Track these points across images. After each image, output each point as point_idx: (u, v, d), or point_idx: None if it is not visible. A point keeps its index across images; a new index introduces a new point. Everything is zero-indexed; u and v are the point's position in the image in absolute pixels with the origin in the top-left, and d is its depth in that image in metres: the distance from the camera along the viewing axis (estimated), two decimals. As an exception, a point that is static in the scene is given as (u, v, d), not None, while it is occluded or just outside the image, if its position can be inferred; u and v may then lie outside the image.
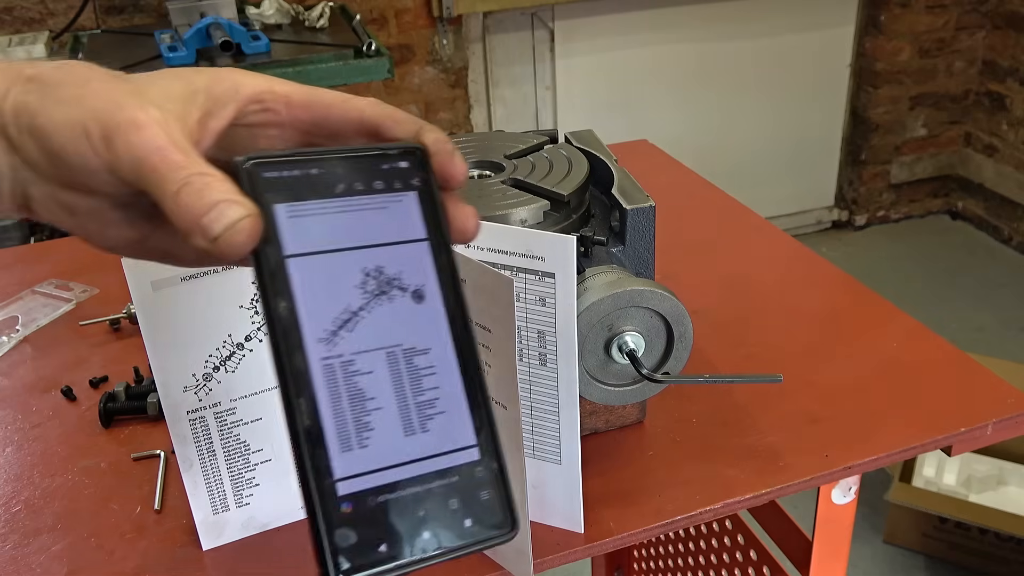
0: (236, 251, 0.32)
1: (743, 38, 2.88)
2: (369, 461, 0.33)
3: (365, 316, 0.34)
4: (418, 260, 0.36)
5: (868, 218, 3.25)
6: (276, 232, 0.33)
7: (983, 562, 1.78)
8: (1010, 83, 2.97)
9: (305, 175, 0.34)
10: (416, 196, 0.36)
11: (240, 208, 0.32)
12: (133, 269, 0.52)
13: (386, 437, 0.33)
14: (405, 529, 0.33)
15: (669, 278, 0.64)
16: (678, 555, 1.12)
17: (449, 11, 2.47)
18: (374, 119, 0.39)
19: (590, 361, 0.60)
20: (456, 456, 0.34)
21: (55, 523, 0.64)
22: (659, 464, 0.66)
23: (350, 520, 0.32)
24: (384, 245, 0.35)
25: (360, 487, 0.33)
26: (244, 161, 0.34)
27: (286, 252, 0.33)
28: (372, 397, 0.33)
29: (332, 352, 0.33)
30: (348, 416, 0.33)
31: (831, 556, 0.75)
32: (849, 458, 0.65)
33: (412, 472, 0.33)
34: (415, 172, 0.36)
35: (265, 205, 0.33)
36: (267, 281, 0.33)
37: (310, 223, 0.34)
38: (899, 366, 0.76)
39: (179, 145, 0.34)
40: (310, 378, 0.33)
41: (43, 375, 0.82)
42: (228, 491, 0.60)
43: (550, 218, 0.62)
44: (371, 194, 0.35)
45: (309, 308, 0.33)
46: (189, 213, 0.32)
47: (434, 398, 0.35)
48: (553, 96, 2.78)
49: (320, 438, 0.32)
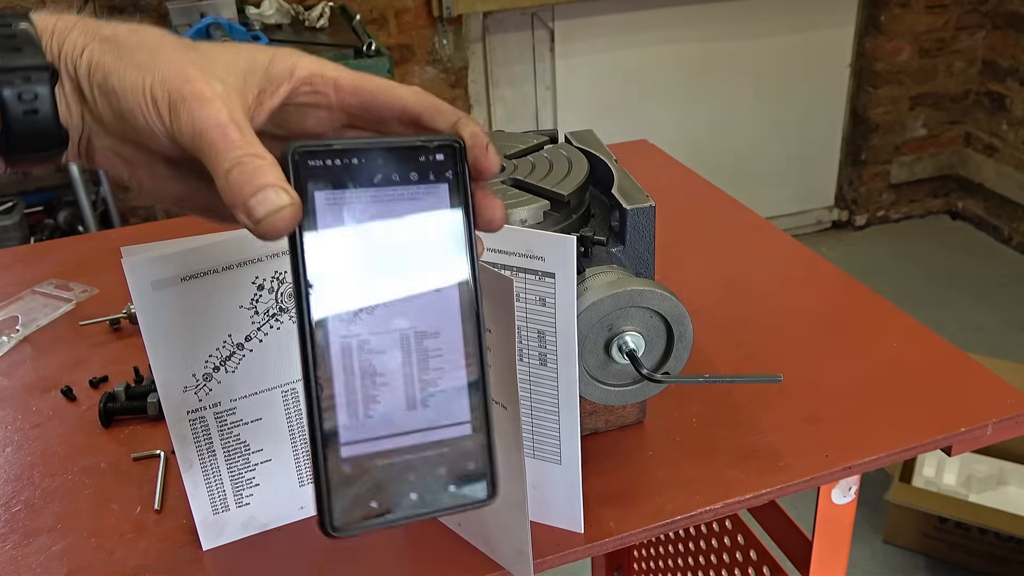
0: (275, 235, 0.35)
1: (743, 38, 2.88)
2: (372, 430, 0.37)
3: (385, 300, 0.37)
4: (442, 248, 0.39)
5: (868, 218, 3.25)
6: (314, 217, 0.36)
7: (983, 562, 1.78)
8: (1010, 83, 2.97)
9: (347, 164, 0.37)
10: (447, 187, 0.39)
11: (285, 196, 0.35)
12: (133, 269, 0.52)
13: (390, 410, 0.37)
14: (396, 490, 0.37)
15: (669, 278, 0.64)
16: (678, 555, 1.12)
17: (449, 11, 2.47)
18: (415, 108, 0.41)
19: (590, 361, 0.60)
20: (450, 430, 0.38)
21: (55, 523, 0.64)
22: (659, 464, 0.66)
23: (350, 479, 0.36)
24: None
25: (361, 451, 0.37)
26: (292, 150, 0.36)
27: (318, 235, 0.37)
28: (382, 374, 0.37)
29: (351, 332, 0.37)
30: (358, 390, 0.37)
31: (831, 556, 0.75)
32: (849, 458, 0.65)
33: (409, 441, 0.37)
34: (450, 164, 0.39)
35: (307, 191, 0.36)
36: (300, 263, 0.36)
37: (343, 209, 0.37)
38: (899, 366, 0.76)
39: (238, 123, 0.36)
40: (328, 354, 0.36)
41: (43, 375, 0.82)
42: (228, 491, 0.60)
43: (550, 218, 0.62)
44: (406, 185, 0.38)
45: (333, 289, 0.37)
46: (239, 192, 0.35)
47: (437, 378, 0.38)
48: (553, 96, 2.78)
49: (331, 408, 0.36)
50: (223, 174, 0.35)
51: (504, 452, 0.55)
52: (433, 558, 0.60)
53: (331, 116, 0.42)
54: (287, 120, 0.42)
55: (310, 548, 0.61)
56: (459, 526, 0.61)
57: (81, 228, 2.26)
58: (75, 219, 2.31)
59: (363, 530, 0.37)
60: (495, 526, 0.58)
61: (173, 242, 0.53)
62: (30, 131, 0.38)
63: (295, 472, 0.62)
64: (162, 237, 0.54)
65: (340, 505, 0.36)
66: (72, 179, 2.14)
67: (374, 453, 0.37)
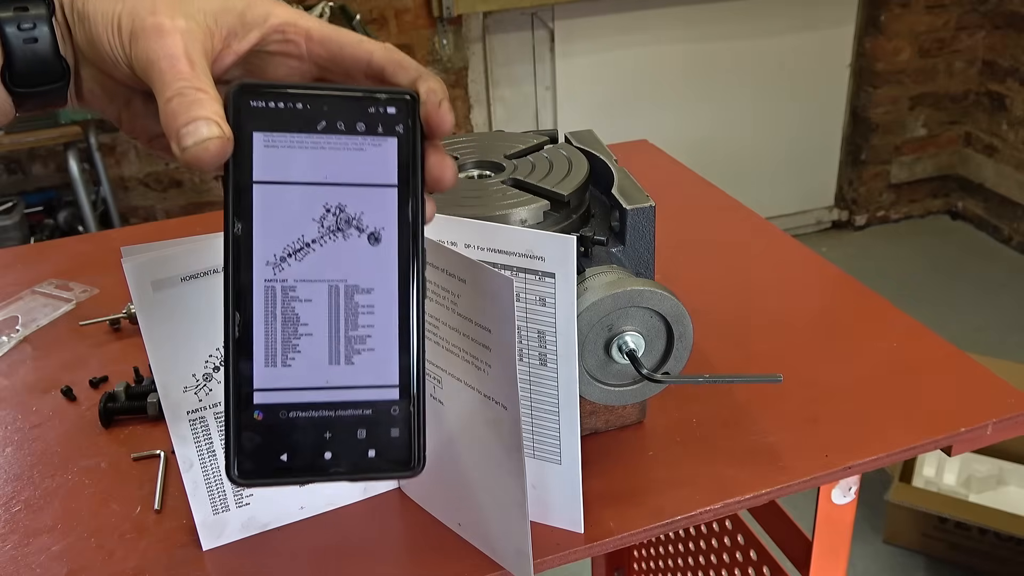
0: (200, 166, 0.35)
1: (743, 38, 2.88)
2: (289, 379, 0.36)
3: (317, 249, 0.37)
4: (383, 204, 0.37)
5: (868, 218, 3.25)
6: (249, 157, 0.36)
7: (983, 562, 1.78)
8: (1010, 83, 2.97)
9: (290, 108, 0.36)
10: (396, 142, 0.38)
11: (215, 128, 0.35)
12: (133, 269, 0.52)
13: (310, 361, 0.36)
14: (309, 446, 0.36)
15: (669, 278, 0.64)
16: (678, 555, 1.12)
17: (449, 11, 2.47)
18: (380, 62, 0.41)
19: (590, 361, 0.60)
20: (376, 392, 0.37)
21: (55, 523, 0.64)
22: (659, 464, 0.66)
23: (259, 427, 0.36)
24: (352, 185, 0.37)
25: (275, 400, 0.36)
26: (234, 88, 0.36)
27: (254, 178, 0.36)
28: (305, 323, 0.36)
29: (276, 276, 0.36)
30: (278, 336, 0.36)
31: (831, 556, 0.75)
32: (849, 458, 0.65)
33: (328, 397, 0.36)
34: (401, 119, 0.38)
35: (244, 131, 0.36)
36: (230, 201, 0.36)
37: (284, 154, 0.36)
38: (899, 366, 0.76)
39: (190, 57, 0.37)
40: (250, 296, 0.36)
41: (43, 375, 0.82)
42: (228, 491, 0.60)
43: (550, 218, 0.62)
44: (352, 135, 0.37)
45: (264, 232, 0.36)
46: (174, 120, 0.35)
47: (366, 335, 0.37)
48: (553, 96, 2.78)
49: (247, 350, 0.36)
50: (164, 103, 0.36)
51: (504, 452, 0.55)
52: (433, 558, 0.60)
53: (301, 66, 0.42)
54: (258, 67, 0.42)
55: (310, 548, 0.61)
56: (459, 526, 0.61)
57: (81, 228, 2.26)
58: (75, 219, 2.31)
59: (268, 483, 0.36)
60: (495, 526, 0.58)
61: (173, 242, 0.53)
62: (31, 61, 0.39)
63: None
64: (162, 237, 0.54)
65: (247, 453, 0.35)
66: (72, 179, 2.14)
67: (289, 404, 0.36)
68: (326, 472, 0.36)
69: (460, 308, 0.53)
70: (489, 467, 0.56)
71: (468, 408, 0.56)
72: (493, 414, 0.54)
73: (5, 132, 2.11)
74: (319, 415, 0.36)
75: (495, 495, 0.57)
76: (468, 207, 0.60)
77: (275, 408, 0.36)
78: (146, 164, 2.51)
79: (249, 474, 0.36)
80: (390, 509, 0.64)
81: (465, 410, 0.57)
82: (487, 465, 0.57)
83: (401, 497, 0.65)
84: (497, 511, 0.57)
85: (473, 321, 0.52)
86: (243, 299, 0.36)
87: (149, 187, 2.55)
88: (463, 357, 0.54)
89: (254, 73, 0.42)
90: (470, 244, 0.54)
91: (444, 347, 0.56)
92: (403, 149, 0.38)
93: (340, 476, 0.36)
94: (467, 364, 0.54)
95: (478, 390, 0.55)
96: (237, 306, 0.36)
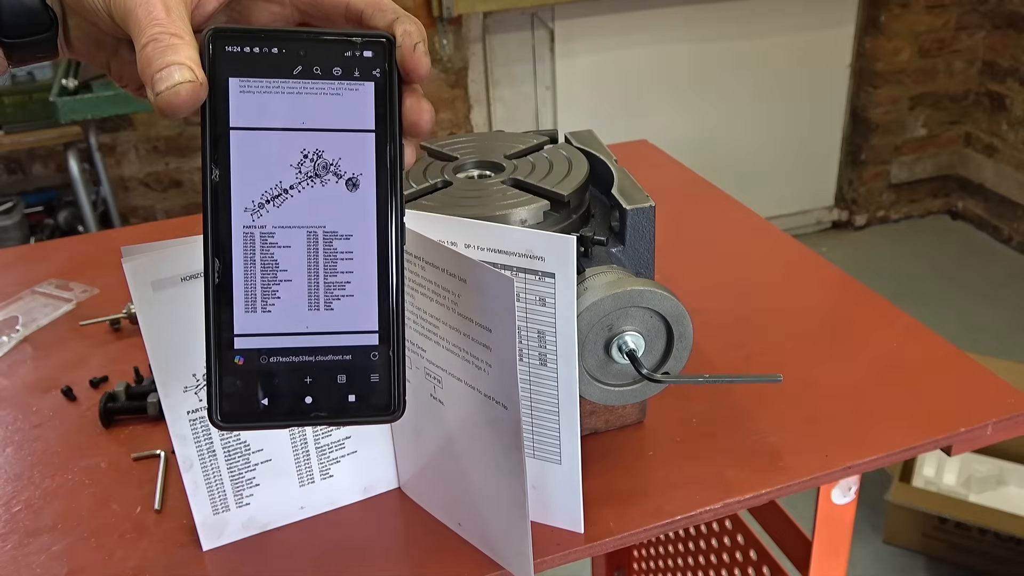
0: (174, 111, 0.35)
1: (743, 38, 2.88)
2: (269, 325, 0.37)
3: (294, 195, 0.37)
4: (361, 150, 0.37)
5: (868, 218, 3.25)
6: (225, 103, 0.36)
7: (983, 562, 1.78)
8: (1010, 83, 2.97)
9: (266, 53, 0.36)
10: (373, 87, 0.37)
11: (188, 73, 0.35)
12: (133, 269, 0.52)
13: (290, 307, 0.37)
14: (290, 391, 0.37)
15: (669, 278, 0.64)
16: (678, 555, 1.12)
17: (449, 11, 2.47)
18: (359, 5, 0.40)
19: (590, 361, 0.60)
20: (355, 337, 0.37)
21: (55, 523, 0.64)
22: (659, 464, 0.66)
23: (240, 372, 0.36)
24: (329, 131, 0.37)
25: (255, 345, 0.36)
26: (209, 33, 0.36)
27: (230, 124, 0.36)
28: (284, 269, 0.37)
29: (254, 222, 0.36)
30: (257, 282, 0.36)
31: (831, 556, 0.75)
32: (849, 458, 0.65)
33: (308, 343, 0.37)
34: (377, 63, 0.37)
35: (219, 77, 0.36)
36: (207, 147, 0.36)
37: (260, 100, 0.36)
38: (899, 366, 0.76)
39: (166, 3, 0.36)
40: (229, 242, 0.36)
41: (43, 375, 0.82)
42: (228, 491, 0.60)
43: (550, 218, 0.62)
44: (328, 79, 0.37)
45: (241, 179, 0.36)
46: (149, 66, 0.35)
47: (345, 281, 0.37)
48: (553, 96, 2.78)
49: (228, 296, 0.36)
50: (139, 50, 0.36)
51: (504, 452, 0.55)
52: (433, 558, 0.60)
53: (283, 11, 0.42)
54: (241, 14, 0.42)
55: (311, 548, 0.61)
56: (459, 526, 0.61)
57: (81, 228, 2.26)
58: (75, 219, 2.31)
59: (251, 427, 0.37)
60: (495, 526, 0.58)
61: (173, 242, 0.53)
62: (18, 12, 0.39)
63: (295, 472, 0.62)
64: (162, 237, 0.54)
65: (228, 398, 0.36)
66: (72, 179, 2.14)
67: (269, 349, 0.36)
68: (307, 416, 0.37)
69: (460, 308, 0.53)
70: (489, 467, 0.56)
71: (468, 408, 0.56)
72: (493, 414, 0.54)
73: (5, 132, 2.11)
74: (299, 360, 0.37)
75: (495, 495, 0.57)
76: (468, 207, 0.60)
77: (255, 353, 0.36)
78: (146, 164, 2.51)
79: (230, 418, 0.36)
80: (390, 509, 0.64)
81: (465, 410, 0.57)
82: (487, 465, 0.57)
83: (401, 497, 0.65)
84: (497, 511, 0.57)
85: (473, 321, 0.52)
86: (222, 246, 0.36)
87: (149, 187, 2.55)
88: (463, 357, 0.54)
89: (237, 20, 0.42)
90: (470, 244, 0.54)
91: (444, 347, 0.56)
92: (380, 93, 0.37)
93: (321, 420, 0.37)
94: (467, 364, 0.54)
95: (478, 390, 0.55)
96: (216, 252, 0.36)
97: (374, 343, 0.37)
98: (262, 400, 0.36)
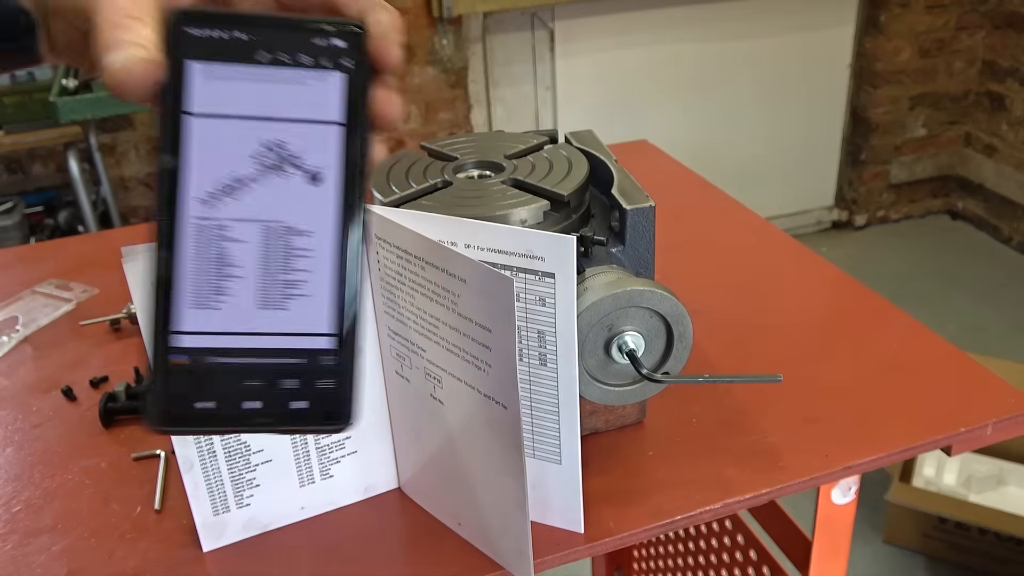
0: (124, 91, 0.34)
1: (743, 38, 2.88)
2: (217, 323, 0.34)
3: (252, 187, 0.35)
4: (326, 143, 0.35)
5: (868, 218, 3.25)
6: (182, 87, 0.34)
7: (983, 562, 1.78)
8: (1010, 83, 2.97)
9: (230, 37, 0.34)
10: (343, 77, 0.35)
11: (141, 52, 0.33)
12: (133, 269, 0.52)
13: (240, 305, 0.34)
14: (234, 394, 0.34)
15: (669, 278, 0.64)
16: (678, 555, 1.12)
17: (449, 11, 2.47)
18: None
19: (590, 361, 0.60)
20: (308, 340, 0.35)
21: (55, 523, 0.64)
22: (659, 464, 0.66)
23: (183, 372, 0.34)
24: (293, 121, 0.35)
25: (200, 344, 0.34)
26: (172, 13, 0.34)
27: (187, 108, 0.34)
28: (236, 265, 0.34)
29: (207, 214, 0.34)
30: (206, 277, 0.34)
31: (831, 556, 0.75)
32: (849, 458, 0.65)
33: (257, 344, 0.34)
34: (348, 52, 0.36)
35: (178, 59, 0.34)
36: (161, 133, 0.34)
37: (221, 85, 0.34)
38: (899, 366, 0.76)
39: None
40: (179, 233, 0.34)
41: (43, 375, 0.82)
42: (228, 492, 0.60)
43: (550, 218, 0.62)
44: (295, 67, 0.35)
45: (196, 168, 0.34)
46: (104, 48, 0.34)
47: (301, 280, 0.35)
48: (553, 96, 2.78)
49: (173, 290, 0.34)
50: (97, 35, 0.34)
51: (504, 452, 0.55)
52: (433, 558, 0.60)
53: None
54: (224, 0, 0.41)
55: (311, 549, 0.61)
56: (459, 526, 0.61)
57: (81, 228, 2.26)
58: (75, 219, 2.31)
59: (188, 431, 0.34)
60: (495, 526, 0.58)
61: (173, 242, 0.52)
62: None
63: (296, 472, 0.62)
64: (162, 237, 0.54)
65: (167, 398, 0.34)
66: (72, 179, 2.14)
67: (215, 349, 0.34)
68: (251, 423, 0.34)
69: (460, 308, 0.53)
70: (489, 467, 0.56)
71: (468, 408, 0.56)
72: (493, 414, 0.54)
73: (5, 132, 2.11)
74: (247, 362, 0.34)
75: (495, 495, 0.57)
76: (468, 207, 0.60)
77: (200, 352, 0.34)
78: (146, 164, 2.51)
79: (168, 420, 0.34)
80: (390, 509, 0.64)
81: (465, 410, 0.57)
82: (487, 465, 0.57)
83: (401, 497, 0.65)
84: (497, 511, 0.57)
85: (473, 321, 0.52)
86: (169, 236, 0.34)
87: (149, 187, 2.55)
88: (463, 357, 0.54)
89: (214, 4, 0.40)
90: (470, 244, 0.54)
91: (444, 347, 0.56)
92: (349, 84, 0.35)
93: (265, 428, 0.35)
94: (467, 364, 0.54)
95: (478, 390, 0.55)
96: (164, 244, 0.34)
97: (329, 347, 0.35)
98: (205, 403, 0.34)
